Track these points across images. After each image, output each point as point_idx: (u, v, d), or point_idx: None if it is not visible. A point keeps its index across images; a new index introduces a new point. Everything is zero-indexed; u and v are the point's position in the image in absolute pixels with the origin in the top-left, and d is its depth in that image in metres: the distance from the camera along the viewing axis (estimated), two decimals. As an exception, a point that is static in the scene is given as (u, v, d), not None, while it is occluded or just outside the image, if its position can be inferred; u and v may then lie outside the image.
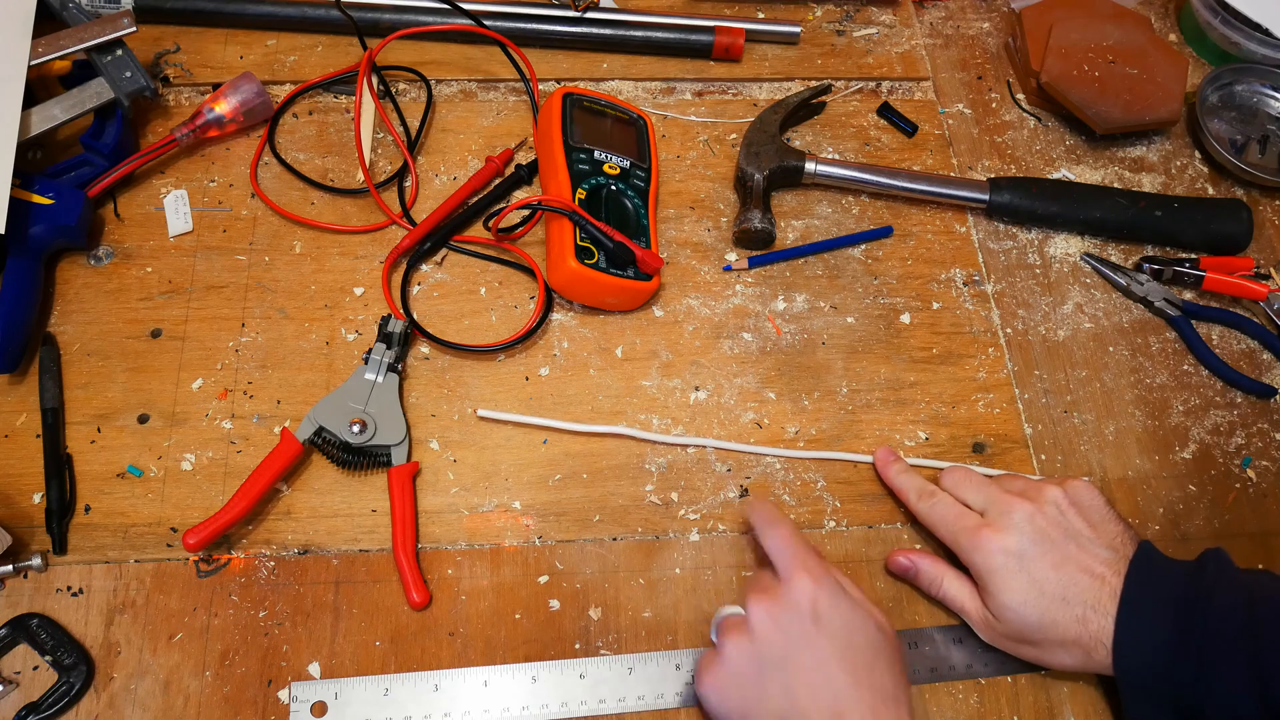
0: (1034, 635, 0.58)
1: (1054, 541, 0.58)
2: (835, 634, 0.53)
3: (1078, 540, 0.58)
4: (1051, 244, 0.79)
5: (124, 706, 0.58)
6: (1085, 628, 0.56)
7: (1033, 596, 0.57)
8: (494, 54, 0.83)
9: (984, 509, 0.61)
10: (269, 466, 0.63)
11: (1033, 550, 0.58)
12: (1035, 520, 0.59)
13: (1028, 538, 0.58)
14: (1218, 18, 0.88)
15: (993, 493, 0.62)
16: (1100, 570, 0.57)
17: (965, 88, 0.87)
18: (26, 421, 0.66)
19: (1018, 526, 0.59)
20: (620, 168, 0.74)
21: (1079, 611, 0.56)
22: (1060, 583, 0.57)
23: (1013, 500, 0.60)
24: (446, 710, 0.59)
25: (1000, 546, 0.58)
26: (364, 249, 0.74)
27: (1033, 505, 0.59)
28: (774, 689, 0.53)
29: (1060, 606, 0.56)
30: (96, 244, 0.73)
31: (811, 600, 0.54)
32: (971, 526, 0.60)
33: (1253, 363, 0.75)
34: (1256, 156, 0.84)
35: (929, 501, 0.64)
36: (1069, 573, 0.57)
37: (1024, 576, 0.57)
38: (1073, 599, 0.56)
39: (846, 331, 0.74)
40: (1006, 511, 0.60)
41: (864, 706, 0.52)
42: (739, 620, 0.56)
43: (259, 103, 0.77)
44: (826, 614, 0.54)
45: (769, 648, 0.54)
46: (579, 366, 0.71)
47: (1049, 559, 0.57)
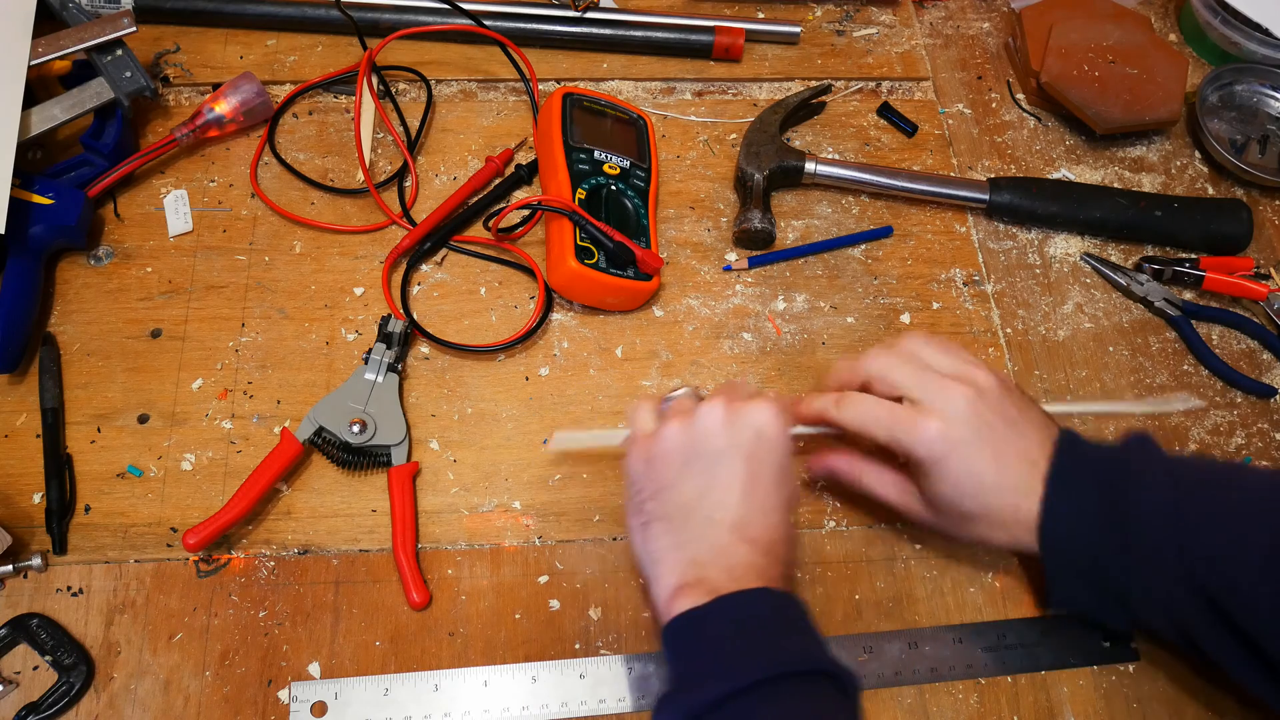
0: (965, 523, 0.58)
1: (993, 428, 0.56)
2: (771, 462, 0.54)
3: (1014, 426, 0.57)
4: (1051, 244, 0.80)
5: (124, 706, 0.58)
6: (1016, 514, 0.56)
7: (971, 487, 0.56)
8: (494, 54, 0.83)
9: (918, 394, 0.57)
10: (269, 466, 0.63)
11: (974, 439, 0.56)
12: (976, 406, 0.56)
13: (970, 426, 0.56)
14: (1218, 18, 0.88)
15: (925, 376, 0.57)
16: (1034, 455, 0.56)
17: (965, 88, 0.87)
18: (26, 421, 0.66)
19: (960, 414, 0.56)
20: (620, 168, 0.74)
21: (1013, 499, 0.56)
22: (998, 471, 0.56)
23: (949, 384, 0.57)
24: (446, 710, 0.59)
25: (942, 434, 0.55)
26: (364, 249, 0.74)
27: (972, 390, 0.56)
28: (692, 482, 0.54)
29: (996, 494, 0.56)
30: (96, 244, 0.73)
31: (766, 424, 0.55)
32: (907, 417, 0.56)
33: (1253, 363, 0.75)
34: (1256, 156, 0.84)
35: (850, 405, 0.59)
36: (1007, 460, 0.56)
37: (964, 465, 0.56)
38: (1007, 487, 0.56)
39: (846, 331, 0.74)
40: (945, 397, 0.56)
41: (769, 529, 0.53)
42: (688, 407, 0.57)
43: (259, 103, 0.77)
44: (771, 441, 0.55)
45: (707, 443, 0.54)
46: (579, 366, 0.71)
47: (990, 448, 0.56)
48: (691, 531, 0.53)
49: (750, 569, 0.51)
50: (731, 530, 0.52)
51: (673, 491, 0.54)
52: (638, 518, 0.56)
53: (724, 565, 0.51)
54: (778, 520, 0.54)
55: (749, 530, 0.52)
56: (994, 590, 0.65)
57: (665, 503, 0.54)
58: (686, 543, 0.53)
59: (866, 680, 0.61)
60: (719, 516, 0.53)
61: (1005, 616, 0.64)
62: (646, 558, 0.55)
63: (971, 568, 0.65)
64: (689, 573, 0.52)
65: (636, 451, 0.57)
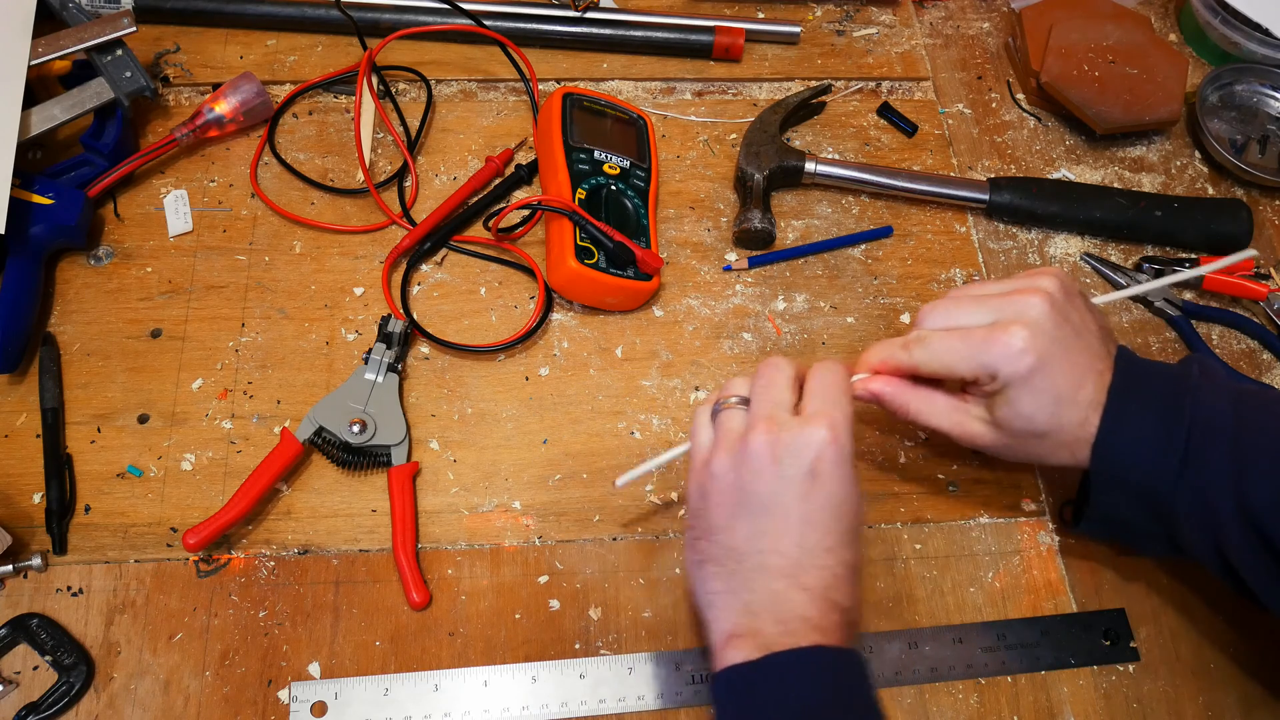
0: (1033, 441, 0.55)
1: (1070, 338, 0.53)
2: (828, 497, 0.50)
3: (1083, 335, 0.54)
4: (1051, 244, 0.80)
5: (124, 706, 0.58)
6: (1084, 428, 0.54)
7: (1048, 402, 0.53)
8: (494, 54, 0.83)
9: (994, 316, 0.54)
10: (269, 466, 0.63)
11: (1055, 349, 0.53)
12: (1052, 315, 0.53)
13: (1050, 335, 0.52)
14: (1218, 18, 0.88)
15: (993, 301, 0.55)
16: (1100, 366, 0.54)
17: (965, 88, 0.87)
18: (26, 421, 0.66)
19: (1040, 322, 0.52)
20: (620, 168, 0.74)
21: (1082, 414, 0.53)
22: (1073, 384, 0.53)
23: (1022, 297, 0.54)
24: (446, 710, 0.59)
25: (1029, 343, 0.52)
26: (364, 249, 0.74)
27: (1045, 296, 0.53)
28: (742, 527, 0.50)
29: (1070, 409, 0.53)
30: (96, 244, 0.73)
31: (819, 453, 0.50)
32: (988, 333, 0.53)
33: (1253, 363, 0.75)
34: (1256, 156, 0.84)
35: (922, 346, 0.55)
36: (1080, 372, 0.53)
37: (1048, 381, 0.53)
38: (1080, 400, 0.53)
39: (846, 331, 0.74)
40: (1024, 309, 0.53)
41: (825, 573, 0.49)
42: (736, 428, 0.52)
43: (259, 103, 0.77)
44: (827, 473, 0.50)
45: (756, 485, 0.50)
46: (579, 366, 0.71)
47: (1067, 360, 0.53)
48: (744, 577, 0.50)
49: (805, 622, 0.48)
50: (785, 577, 0.49)
51: (725, 534, 0.51)
52: (693, 554, 0.53)
53: (777, 616, 0.48)
54: (836, 560, 0.50)
55: (804, 577, 0.49)
56: (994, 590, 0.65)
57: (718, 545, 0.51)
58: (739, 588, 0.50)
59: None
60: (771, 562, 0.49)
61: (1005, 616, 0.64)
62: (702, 598, 0.52)
63: (971, 568, 0.65)
64: (741, 622, 0.49)
65: (694, 479, 0.54)
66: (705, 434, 0.54)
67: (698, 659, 0.61)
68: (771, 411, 0.52)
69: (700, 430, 0.55)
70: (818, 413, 0.51)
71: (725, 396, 0.55)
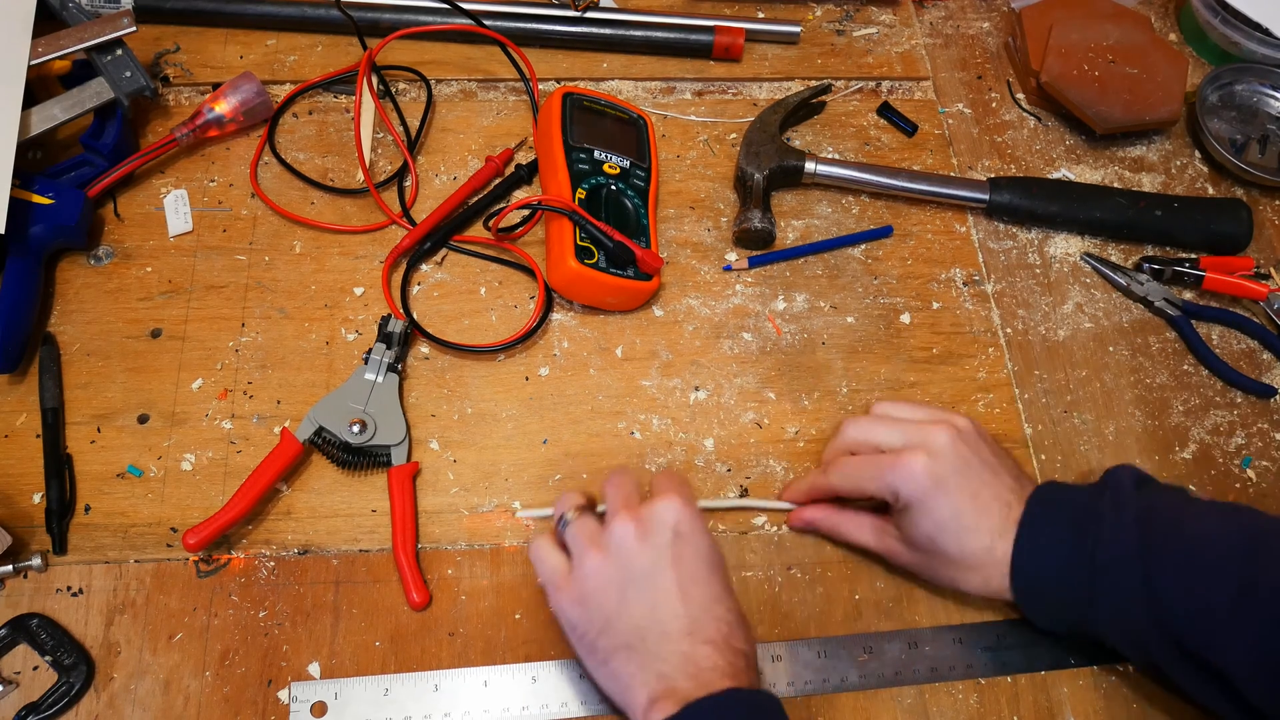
0: (943, 565, 0.59)
1: (973, 469, 0.58)
2: (697, 555, 0.54)
3: (991, 468, 0.59)
4: (1051, 244, 0.79)
5: (124, 706, 0.58)
6: (991, 555, 0.57)
7: (951, 525, 0.57)
8: (494, 54, 0.83)
9: (902, 441, 0.60)
10: (269, 466, 0.63)
11: (954, 478, 0.57)
12: (957, 446, 0.58)
13: (950, 464, 0.58)
14: (1218, 18, 0.88)
15: (907, 427, 0.60)
16: (1008, 498, 0.58)
17: (965, 87, 0.87)
18: (26, 421, 0.66)
19: (942, 451, 0.58)
20: (620, 167, 0.74)
21: (987, 541, 0.57)
22: (975, 511, 0.57)
23: (930, 428, 0.59)
24: (446, 710, 0.59)
25: (926, 470, 0.57)
26: (364, 249, 0.74)
27: (951, 429, 0.59)
28: (637, 604, 0.53)
29: (973, 536, 0.57)
30: (96, 244, 0.73)
31: (677, 520, 0.55)
32: (892, 459, 0.59)
33: (1253, 363, 0.75)
34: (1256, 156, 0.84)
35: (837, 469, 0.62)
36: (984, 501, 0.58)
37: (946, 504, 0.57)
38: (984, 528, 0.57)
39: (846, 331, 0.74)
40: (929, 437, 0.59)
41: (720, 624, 0.53)
42: (595, 534, 0.56)
43: (259, 102, 0.77)
44: (689, 534, 0.55)
45: (634, 563, 0.54)
46: (579, 366, 0.71)
47: (969, 487, 0.58)
48: (650, 650, 0.52)
49: (714, 670, 0.51)
50: (687, 636, 0.52)
51: (620, 620, 0.53)
52: (593, 657, 0.55)
53: (689, 672, 0.51)
54: (725, 609, 0.54)
55: (703, 631, 0.52)
56: (994, 590, 0.65)
57: (617, 633, 0.53)
58: (650, 662, 0.52)
59: (866, 680, 0.61)
60: (671, 627, 0.52)
61: (1005, 617, 0.63)
62: (617, 691, 0.54)
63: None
64: (658, 687, 0.51)
65: (562, 596, 0.56)
66: (552, 557, 0.57)
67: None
68: (626, 500, 0.57)
69: (548, 552, 0.57)
70: (664, 491, 0.56)
71: (561, 515, 0.58)
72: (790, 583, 0.64)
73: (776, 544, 0.66)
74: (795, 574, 0.65)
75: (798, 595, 0.64)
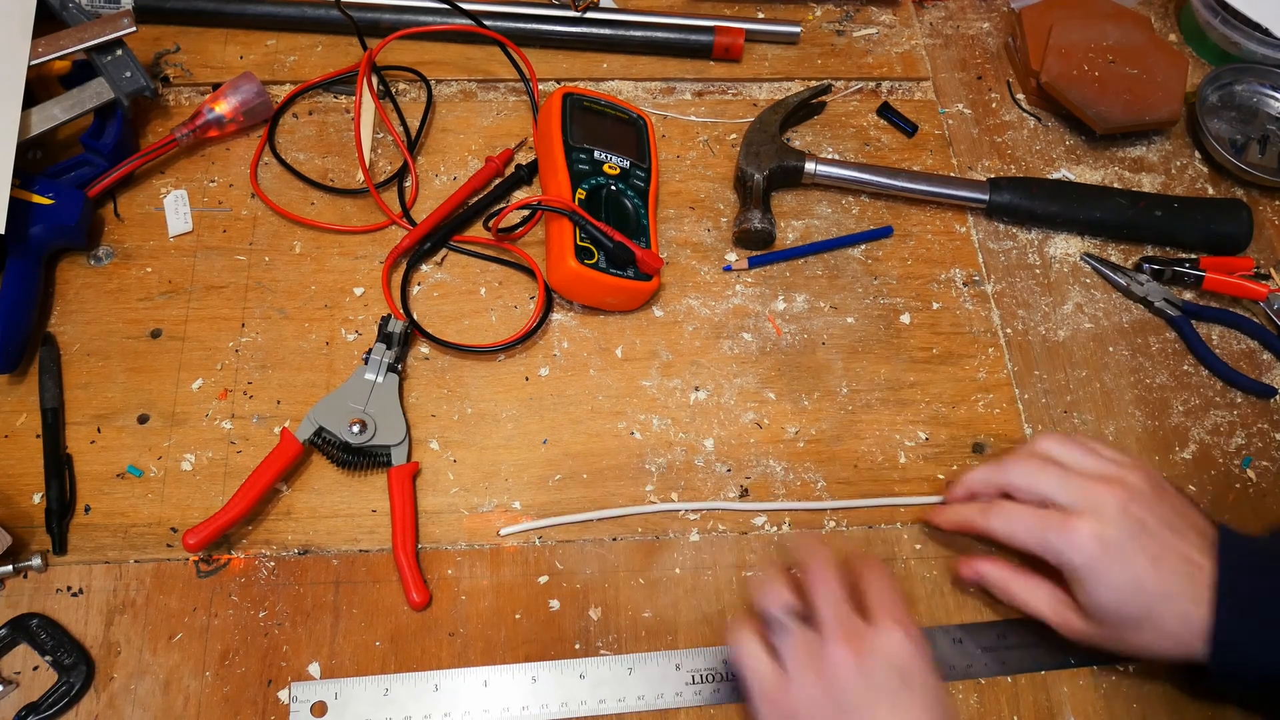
0: (1131, 632, 0.55)
1: (1151, 531, 0.55)
2: (923, 699, 0.51)
3: (1171, 527, 0.55)
4: (1051, 244, 0.79)
5: (124, 706, 0.58)
6: (1186, 621, 0.54)
7: (1132, 592, 0.54)
8: (494, 54, 0.83)
9: (1069, 500, 0.56)
10: (269, 466, 0.63)
11: (1131, 542, 0.54)
12: (1130, 509, 0.55)
13: (1125, 528, 0.54)
14: (1218, 18, 0.88)
15: (1075, 482, 0.57)
16: (1197, 558, 0.54)
17: (965, 88, 0.87)
18: (26, 421, 0.66)
19: (1112, 515, 0.55)
20: (620, 168, 0.74)
21: (1180, 606, 0.54)
22: (1160, 576, 0.54)
23: (1100, 488, 0.56)
24: (446, 710, 0.59)
25: (1096, 536, 0.54)
26: (364, 249, 0.74)
27: (1124, 492, 0.55)
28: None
29: (1162, 602, 0.54)
30: (96, 244, 0.73)
31: (902, 657, 0.51)
32: (1059, 521, 0.56)
33: (1253, 363, 0.75)
34: (1256, 156, 0.84)
35: (999, 514, 0.59)
36: (1169, 563, 0.54)
37: (1123, 570, 0.54)
38: (1174, 593, 0.54)
39: (846, 331, 0.74)
40: (1097, 502, 0.55)
41: None
42: (813, 651, 0.52)
43: (259, 103, 0.77)
44: (914, 675, 0.51)
45: (848, 695, 0.50)
46: (579, 366, 0.71)
47: (1149, 551, 0.54)
48: None
49: None
50: None
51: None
52: None
53: None
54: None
55: None
56: (994, 590, 0.65)
57: None
58: None
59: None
60: None
61: (1005, 617, 0.63)
62: None
63: (971, 568, 0.65)
64: None
65: (769, 709, 0.52)
66: (763, 665, 0.54)
67: (697, 659, 0.61)
68: (844, 621, 0.53)
69: (754, 658, 0.54)
70: (887, 616, 0.53)
71: (769, 614, 0.54)
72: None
73: (776, 544, 0.66)
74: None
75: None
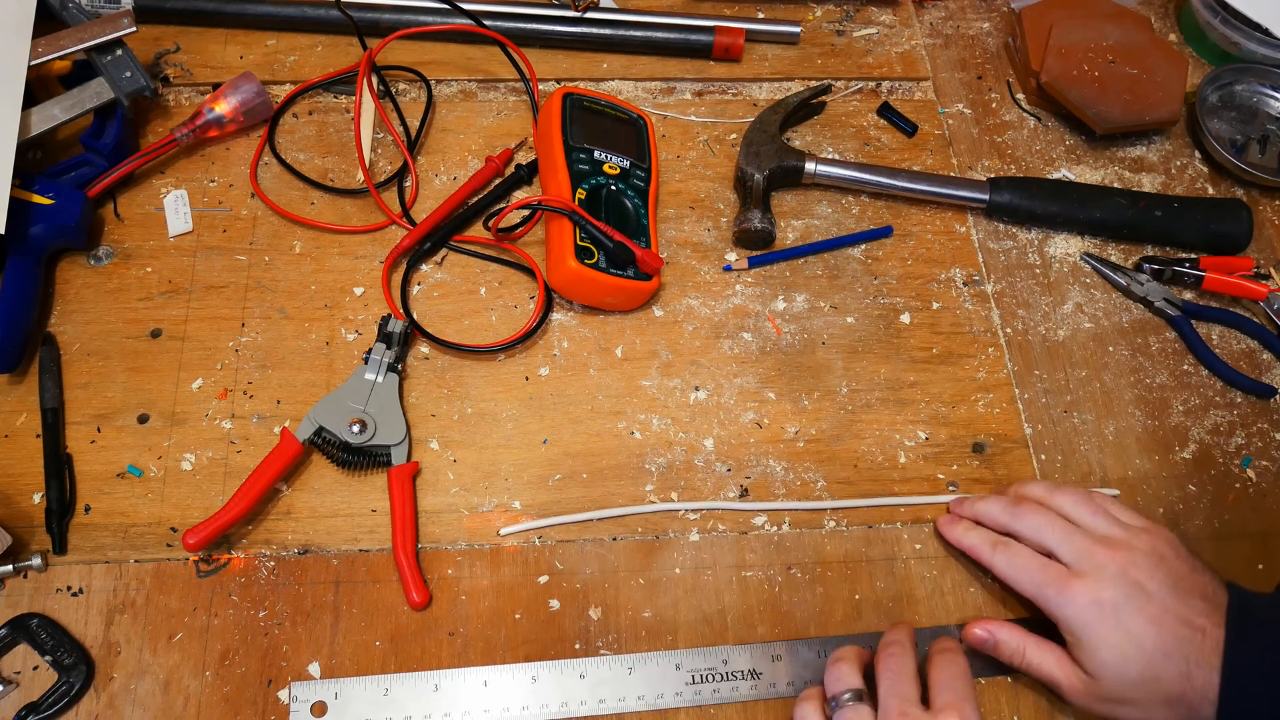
0: (1134, 694, 0.55)
1: (1150, 594, 0.55)
2: None
3: (1174, 591, 0.56)
4: (1051, 244, 0.79)
5: (124, 706, 0.58)
6: (1190, 684, 0.53)
7: (1132, 651, 0.54)
8: (494, 54, 0.83)
9: (1071, 559, 0.58)
10: (269, 466, 0.63)
11: (1128, 604, 0.55)
12: (1129, 573, 0.56)
13: (1122, 590, 0.55)
14: (1218, 18, 0.88)
15: (1079, 542, 0.58)
16: (1200, 622, 0.55)
17: (965, 88, 0.87)
18: (26, 421, 0.66)
19: (1110, 577, 0.56)
20: (620, 168, 0.74)
21: (1182, 667, 0.54)
22: (1160, 637, 0.54)
23: (1102, 551, 0.57)
24: (446, 710, 0.59)
25: (1093, 599, 0.55)
26: (364, 249, 0.74)
27: (1126, 556, 0.57)
28: None
29: (1163, 662, 0.54)
30: (96, 244, 0.73)
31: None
32: (1058, 578, 0.57)
33: (1253, 363, 0.75)
34: (1256, 156, 0.84)
35: (1006, 554, 0.61)
36: (1169, 626, 0.54)
37: (1121, 631, 0.55)
38: (1174, 653, 0.54)
39: (846, 331, 0.74)
40: (1098, 564, 0.57)
41: None
42: None
43: (259, 103, 0.77)
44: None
45: None
46: (579, 366, 0.71)
47: (1147, 612, 0.55)
48: None
49: None
50: None
51: None
52: None
53: None
54: None
55: None
56: (994, 590, 0.65)
57: None
58: None
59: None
60: None
61: (1005, 617, 0.64)
62: None
63: (972, 567, 0.65)
64: None
65: None
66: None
67: (697, 659, 0.61)
68: (903, 708, 0.53)
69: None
70: (949, 705, 0.53)
71: (837, 693, 0.55)
72: (790, 583, 0.64)
73: (776, 544, 0.66)
74: (795, 574, 0.65)
75: (798, 595, 0.64)
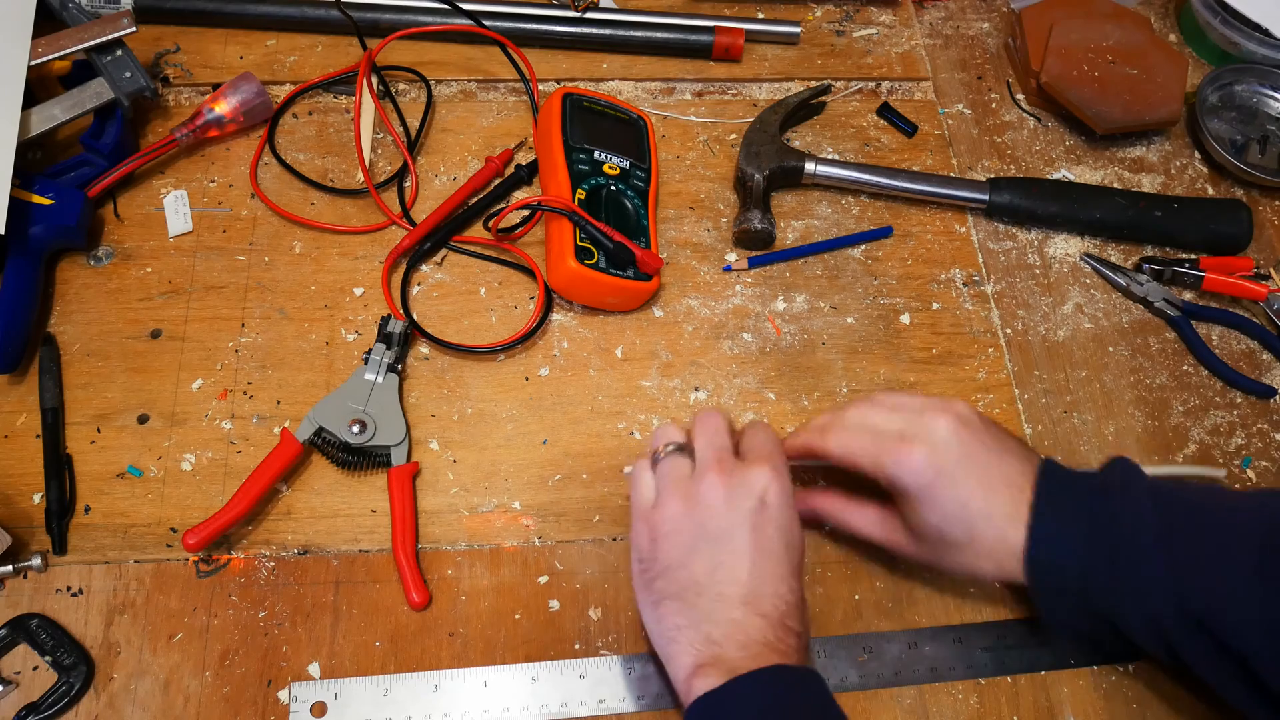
0: (952, 552, 0.57)
1: (977, 455, 0.56)
2: (778, 529, 0.54)
3: (997, 453, 0.57)
4: (1051, 244, 0.80)
5: (124, 706, 0.58)
6: (1004, 541, 0.55)
7: (958, 513, 0.56)
8: (494, 54, 0.83)
9: (900, 426, 0.57)
10: (269, 467, 0.63)
11: (959, 465, 0.56)
12: (959, 433, 0.56)
13: (954, 452, 0.56)
14: (1218, 18, 0.88)
15: (903, 412, 0.58)
16: (1018, 481, 0.56)
17: (965, 88, 0.87)
18: (26, 421, 0.66)
19: (944, 440, 0.56)
20: (620, 168, 0.74)
21: (1000, 526, 0.55)
22: (985, 497, 0.55)
23: (930, 415, 0.57)
24: (446, 710, 0.59)
25: (928, 462, 0.55)
26: (364, 249, 0.74)
27: (953, 417, 0.57)
28: (701, 561, 0.53)
29: (984, 521, 0.55)
30: (96, 244, 0.73)
31: (765, 488, 0.54)
32: (894, 445, 0.57)
33: (1253, 363, 0.75)
34: (1256, 156, 0.84)
35: (835, 433, 0.59)
36: (993, 486, 0.56)
37: (952, 495, 0.55)
38: (996, 514, 0.55)
39: (846, 332, 0.74)
40: (928, 425, 0.57)
41: (779, 600, 0.52)
42: (683, 479, 0.55)
43: (259, 103, 0.77)
44: (775, 507, 0.54)
45: (711, 522, 0.53)
46: (579, 367, 0.71)
47: (976, 474, 0.56)
48: (703, 609, 0.52)
49: (765, 645, 0.51)
50: (743, 605, 0.52)
51: (681, 570, 0.53)
52: (648, 594, 0.55)
53: (739, 641, 0.51)
54: (789, 588, 0.53)
55: (761, 604, 0.52)
56: (994, 590, 0.65)
57: (674, 581, 0.53)
58: (700, 621, 0.52)
59: (866, 680, 0.61)
60: (729, 592, 0.52)
61: (1005, 617, 0.64)
62: (660, 636, 0.54)
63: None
64: (704, 652, 0.51)
65: (641, 526, 0.56)
66: (648, 484, 0.57)
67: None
68: (719, 455, 0.56)
69: (643, 481, 0.57)
70: (760, 456, 0.56)
71: (662, 445, 0.58)
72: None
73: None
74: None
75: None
